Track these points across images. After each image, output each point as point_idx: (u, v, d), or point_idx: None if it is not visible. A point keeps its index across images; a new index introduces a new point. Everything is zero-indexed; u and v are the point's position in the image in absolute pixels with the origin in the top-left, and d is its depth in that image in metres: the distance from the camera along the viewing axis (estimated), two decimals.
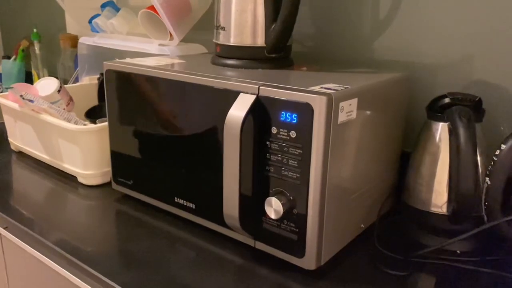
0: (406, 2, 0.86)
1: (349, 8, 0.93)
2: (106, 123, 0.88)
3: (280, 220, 0.63)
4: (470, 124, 0.65)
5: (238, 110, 0.59)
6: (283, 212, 0.61)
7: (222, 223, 0.67)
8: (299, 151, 0.59)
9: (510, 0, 0.75)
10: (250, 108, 0.60)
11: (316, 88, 0.60)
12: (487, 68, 0.80)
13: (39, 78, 1.56)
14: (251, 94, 0.61)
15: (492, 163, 0.63)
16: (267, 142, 0.62)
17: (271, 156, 0.62)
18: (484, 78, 0.80)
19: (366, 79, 0.74)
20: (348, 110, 0.60)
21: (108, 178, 0.94)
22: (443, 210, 0.71)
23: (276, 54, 0.79)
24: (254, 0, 0.76)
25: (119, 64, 0.80)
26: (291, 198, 0.61)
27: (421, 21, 0.85)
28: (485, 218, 0.65)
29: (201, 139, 0.71)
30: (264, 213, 0.63)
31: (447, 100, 0.72)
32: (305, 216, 0.61)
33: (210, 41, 0.83)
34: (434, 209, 0.71)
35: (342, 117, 0.59)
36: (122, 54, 1.11)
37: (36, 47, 1.60)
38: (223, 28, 0.79)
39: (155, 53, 1.03)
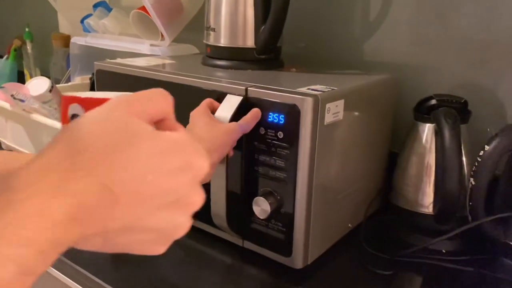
0: (396, 5, 0.87)
1: (339, 11, 0.94)
2: None
3: (267, 219, 0.64)
4: (455, 125, 0.66)
5: (225, 111, 0.60)
6: (271, 212, 0.62)
7: (211, 222, 0.67)
8: (286, 151, 0.60)
9: (497, 4, 0.76)
10: (237, 109, 0.60)
11: (303, 89, 0.61)
12: (474, 71, 0.81)
13: (31, 77, 1.56)
14: (238, 95, 0.62)
15: (476, 164, 0.64)
16: (255, 143, 0.62)
17: (259, 157, 0.63)
18: (471, 80, 0.81)
19: (354, 81, 0.75)
20: (335, 111, 0.61)
21: None
22: (430, 210, 0.72)
23: (265, 56, 0.79)
24: (244, 1, 0.77)
25: (109, 65, 0.80)
26: (279, 198, 0.62)
27: (409, 24, 0.86)
28: (469, 217, 0.66)
29: None
30: (252, 212, 0.64)
31: (433, 101, 0.73)
32: (292, 216, 0.61)
33: (201, 42, 0.84)
34: (420, 209, 0.72)
35: (328, 118, 0.60)
36: (114, 54, 1.11)
37: (29, 47, 1.59)
38: (213, 29, 0.80)
39: (146, 53, 1.04)
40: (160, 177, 0.28)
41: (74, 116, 0.33)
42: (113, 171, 0.26)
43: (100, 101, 0.30)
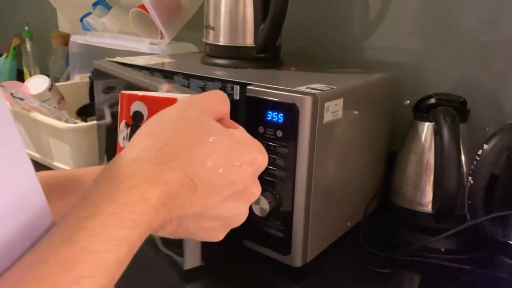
0: (395, 4, 0.87)
1: (338, 9, 0.94)
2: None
3: (266, 218, 0.64)
4: (454, 124, 0.66)
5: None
6: (270, 210, 0.62)
7: None
8: (285, 150, 0.60)
9: (497, 3, 0.76)
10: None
11: (302, 88, 0.61)
12: (473, 70, 0.81)
13: (30, 76, 1.56)
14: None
15: (475, 163, 0.65)
16: None
17: None
18: (470, 79, 0.81)
19: (353, 80, 0.75)
20: (334, 110, 0.61)
21: None
22: (429, 209, 0.72)
23: (265, 54, 0.79)
24: (243, 0, 0.77)
25: (106, 65, 0.80)
26: (278, 196, 0.62)
27: (409, 23, 0.86)
28: (468, 216, 0.67)
29: None
30: (251, 211, 0.64)
31: (432, 100, 0.73)
32: (291, 214, 0.61)
33: (201, 40, 0.84)
34: (419, 208, 0.73)
35: (327, 117, 0.60)
36: (113, 52, 1.11)
37: (28, 45, 1.59)
38: (213, 28, 0.80)
39: (145, 52, 1.04)
40: (229, 170, 0.31)
41: (136, 112, 0.36)
42: (192, 163, 0.29)
43: (165, 100, 0.33)
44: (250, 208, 0.62)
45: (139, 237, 0.27)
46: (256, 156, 0.33)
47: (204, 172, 0.30)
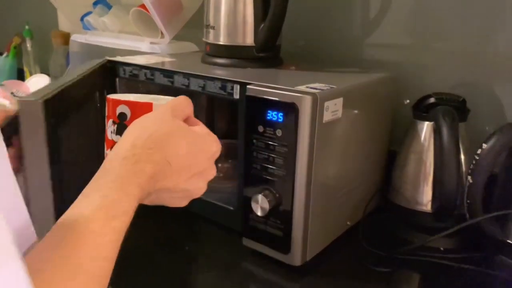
0: (395, 3, 0.87)
1: (338, 9, 0.94)
2: None
3: (266, 217, 0.64)
4: (453, 123, 0.66)
5: None
6: (269, 209, 0.62)
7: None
8: (285, 149, 0.60)
9: (498, 1, 0.76)
10: None
11: (302, 87, 0.61)
12: (473, 69, 0.81)
13: (31, 75, 1.56)
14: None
15: (474, 162, 0.65)
16: (254, 141, 0.63)
17: (258, 154, 0.63)
18: (470, 79, 0.81)
19: (353, 79, 0.76)
20: (334, 109, 0.61)
21: None
22: (428, 208, 0.72)
23: (265, 54, 0.80)
24: None
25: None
26: (277, 195, 0.62)
27: (409, 22, 0.86)
28: (467, 215, 0.67)
29: None
30: (251, 210, 0.64)
31: (432, 100, 0.73)
32: (290, 213, 0.62)
33: (201, 40, 0.84)
34: (419, 207, 0.73)
35: (327, 116, 0.60)
36: (114, 52, 1.11)
37: (28, 44, 1.59)
38: (213, 27, 0.80)
39: (146, 51, 1.04)
40: (192, 156, 0.43)
41: (121, 113, 0.46)
42: (169, 151, 0.41)
43: (143, 104, 0.45)
44: (250, 206, 0.63)
45: (140, 196, 0.38)
46: (211, 146, 0.45)
47: (176, 157, 0.41)
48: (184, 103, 0.45)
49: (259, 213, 0.63)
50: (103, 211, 0.35)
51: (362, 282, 0.64)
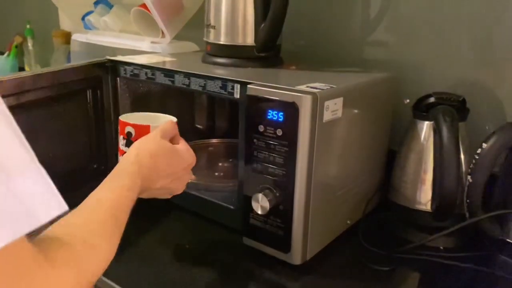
0: (395, 3, 0.87)
1: (338, 9, 0.94)
2: None
3: (266, 216, 0.64)
4: (453, 123, 0.67)
5: None
6: (270, 208, 0.62)
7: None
8: (285, 148, 0.60)
9: (498, 3, 0.77)
10: None
11: (302, 87, 0.61)
12: (473, 69, 0.81)
13: None
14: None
15: (474, 161, 0.65)
16: (254, 140, 0.63)
17: (258, 154, 0.63)
18: (470, 78, 0.82)
19: (353, 79, 0.76)
20: (334, 109, 0.62)
21: None
22: (428, 207, 0.72)
23: (265, 53, 0.80)
24: None
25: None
26: (278, 194, 0.62)
27: (409, 22, 0.87)
28: (467, 214, 0.67)
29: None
30: (251, 209, 0.64)
31: (432, 99, 0.73)
32: (291, 212, 0.62)
33: (202, 39, 0.84)
34: (418, 206, 0.73)
35: (327, 116, 0.61)
36: (115, 51, 1.11)
37: (30, 44, 1.60)
38: (214, 27, 0.80)
39: (147, 50, 1.04)
40: (172, 167, 0.59)
41: (128, 132, 0.63)
42: (157, 162, 0.56)
43: (142, 126, 0.62)
44: (250, 206, 0.63)
45: (136, 190, 0.52)
46: (188, 159, 0.61)
47: (161, 166, 0.57)
48: (171, 127, 0.61)
49: (259, 212, 0.63)
50: (118, 190, 0.50)
51: (362, 281, 0.64)
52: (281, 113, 0.59)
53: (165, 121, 0.62)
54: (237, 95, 0.67)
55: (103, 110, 0.86)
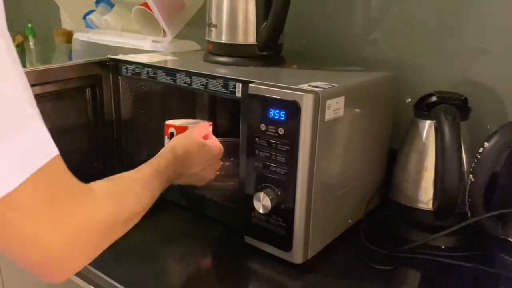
0: (396, 2, 0.87)
1: (340, 8, 0.94)
2: None
3: (268, 215, 0.64)
4: (455, 122, 0.66)
5: None
6: (271, 207, 0.62)
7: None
8: (287, 147, 0.60)
9: (501, 3, 0.76)
10: None
11: (304, 86, 0.61)
12: (475, 68, 0.81)
13: None
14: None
15: (476, 161, 0.65)
16: (256, 139, 0.63)
17: (260, 153, 0.63)
18: (472, 77, 0.81)
19: (354, 78, 0.76)
20: (335, 108, 0.62)
21: None
22: (429, 206, 0.72)
23: (267, 52, 0.80)
24: None
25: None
26: (279, 193, 0.63)
27: (410, 21, 0.86)
28: (469, 214, 0.67)
29: None
30: (253, 208, 0.64)
31: (433, 98, 0.73)
32: (292, 211, 0.62)
33: (203, 38, 0.84)
34: (420, 205, 0.73)
35: (329, 115, 0.61)
36: (116, 50, 1.11)
37: (31, 43, 1.60)
38: (215, 26, 0.80)
39: (148, 49, 1.04)
40: (202, 157, 0.71)
41: (171, 132, 0.78)
42: (189, 153, 0.68)
43: (182, 127, 0.76)
44: (252, 204, 0.63)
45: (165, 173, 0.61)
46: (215, 151, 0.73)
47: (194, 157, 0.69)
48: (203, 127, 0.74)
49: (261, 211, 0.63)
50: (149, 168, 0.59)
51: (363, 280, 0.64)
52: (283, 112, 0.59)
53: (198, 122, 0.80)
54: (238, 94, 0.67)
55: (102, 108, 0.86)
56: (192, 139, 0.70)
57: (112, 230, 0.45)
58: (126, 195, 0.50)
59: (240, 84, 0.66)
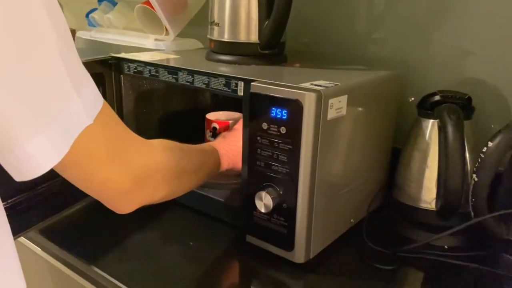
0: (400, 0, 0.87)
1: (343, 6, 0.94)
2: None
3: (270, 214, 0.64)
4: (459, 121, 0.66)
5: None
6: (273, 206, 0.62)
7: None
8: (289, 146, 0.60)
9: (501, 2, 0.76)
10: None
11: (306, 84, 0.61)
12: (479, 67, 0.80)
13: None
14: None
15: (479, 160, 0.64)
16: (258, 138, 0.63)
17: (262, 151, 0.63)
18: (476, 76, 0.81)
19: (357, 76, 0.75)
20: (338, 106, 0.61)
21: None
22: (432, 206, 0.72)
23: (269, 51, 0.79)
24: None
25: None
26: (281, 192, 0.62)
27: (414, 19, 0.86)
28: (472, 214, 0.66)
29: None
30: (254, 207, 0.64)
31: (437, 97, 0.73)
32: (294, 211, 0.62)
33: (206, 36, 0.84)
34: (423, 205, 0.72)
35: (331, 114, 0.60)
36: (119, 48, 1.11)
37: None
38: (217, 24, 0.80)
39: (151, 48, 1.04)
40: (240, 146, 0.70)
41: (214, 128, 0.86)
42: (233, 145, 0.73)
43: (224, 122, 0.86)
44: (253, 204, 0.63)
45: (217, 166, 0.71)
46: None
47: (235, 146, 0.72)
48: (240, 119, 0.77)
49: (262, 210, 0.63)
50: (202, 158, 0.66)
51: (365, 280, 0.64)
52: (285, 111, 0.59)
53: (239, 116, 0.84)
54: (240, 92, 0.66)
55: None
56: (234, 133, 0.76)
57: (167, 179, 0.52)
58: (177, 153, 0.56)
59: (242, 83, 0.66)
